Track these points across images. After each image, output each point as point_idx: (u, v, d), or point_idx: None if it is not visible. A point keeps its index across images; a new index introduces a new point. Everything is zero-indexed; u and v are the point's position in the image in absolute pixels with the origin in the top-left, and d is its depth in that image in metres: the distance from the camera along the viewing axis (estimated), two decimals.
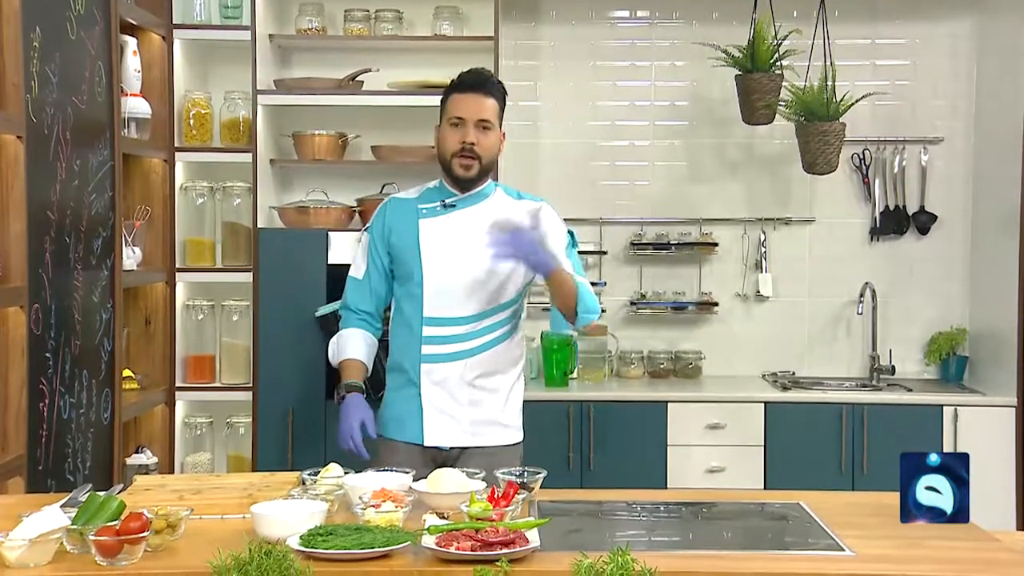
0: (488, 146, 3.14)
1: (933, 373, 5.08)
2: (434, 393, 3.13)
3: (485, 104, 3.13)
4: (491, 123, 3.14)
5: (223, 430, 4.74)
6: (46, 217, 3.31)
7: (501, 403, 3.19)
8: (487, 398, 3.16)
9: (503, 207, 3.18)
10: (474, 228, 3.13)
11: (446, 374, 3.13)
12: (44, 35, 3.26)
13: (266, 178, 4.61)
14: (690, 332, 5.14)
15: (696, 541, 2.51)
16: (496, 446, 3.16)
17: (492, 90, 3.17)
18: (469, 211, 3.18)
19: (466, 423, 3.14)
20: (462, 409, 3.14)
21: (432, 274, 3.13)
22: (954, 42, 5.08)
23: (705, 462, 4.58)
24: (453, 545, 2.10)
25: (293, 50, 4.91)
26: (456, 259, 3.12)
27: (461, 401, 3.14)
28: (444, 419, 3.13)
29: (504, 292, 3.14)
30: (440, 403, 3.13)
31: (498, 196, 3.23)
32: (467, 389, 3.14)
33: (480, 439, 3.15)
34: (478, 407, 3.15)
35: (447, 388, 3.13)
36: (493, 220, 3.05)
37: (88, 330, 3.64)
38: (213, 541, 2.14)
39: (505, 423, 3.21)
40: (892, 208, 5.09)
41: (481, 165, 3.14)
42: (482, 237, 3.03)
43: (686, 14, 5.12)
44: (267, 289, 4.41)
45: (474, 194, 3.19)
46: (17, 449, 3.10)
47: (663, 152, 5.16)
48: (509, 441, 3.20)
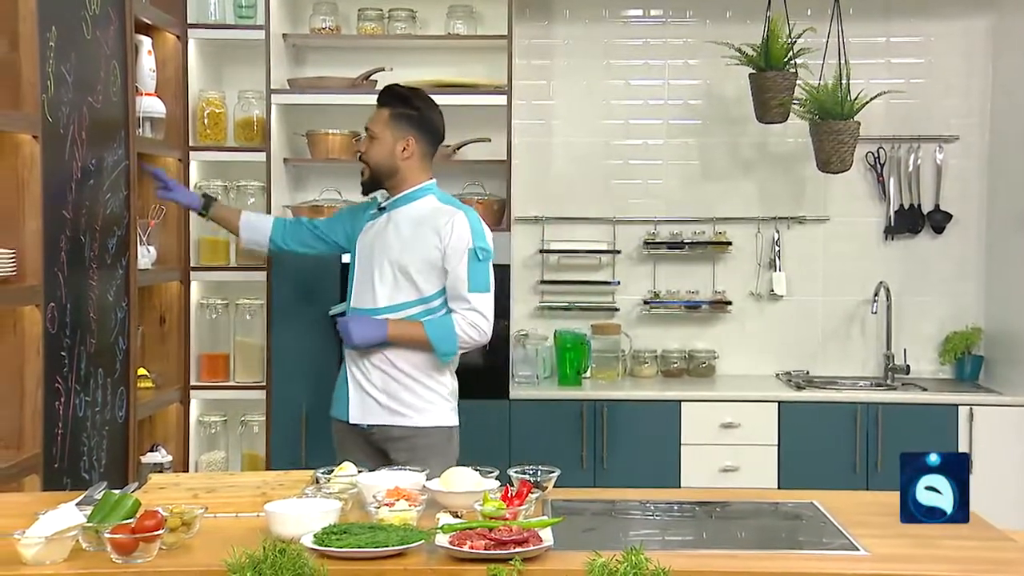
0: (372, 153, 3.46)
1: (948, 372, 5.06)
2: (356, 373, 3.45)
3: (375, 114, 3.49)
4: (373, 131, 3.46)
5: (237, 428, 4.76)
6: (62, 216, 3.32)
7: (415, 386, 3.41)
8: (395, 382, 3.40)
9: (424, 212, 3.43)
10: (394, 229, 3.42)
11: (363, 357, 3.41)
12: (60, 35, 3.27)
13: (280, 177, 4.62)
14: (704, 331, 5.13)
15: (710, 540, 2.50)
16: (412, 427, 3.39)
17: (383, 100, 3.51)
18: (395, 213, 3.46)
19: (380, 402, 3.41)
20: (377, 391, 3.41)
21: (359, 269, 3.47)
22: (969, 40, 5.06)
23: (719, 461, 4.58)
24: (467, 544, 2.10)
25: (307, 49, 4.92)
26: (374, 257, 3.42)
27: (376, 383, 3.41)
28: (362, 396, 3.43)
29: (414, 290, 3.38)
30: (360, 382, 3.44)
31: (426, 201, 3.46)
32: (378, 372, 3.40)
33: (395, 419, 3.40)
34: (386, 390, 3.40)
35: (364, 370, 3.42)
36: None
37: (103, 329, 3.66)
38: (227, 539, 2.15)
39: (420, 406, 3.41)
40: (907, 207, 5.07)
41: (370, 170, 3.48)
42: (397, 238, 3.39)
43: (700, 12, 5.11)
44: (281, 288, 4.42)
45: (402, 196, 3.46)
46: (33, 447, 3.11)
47: (677, 151, 5.15)
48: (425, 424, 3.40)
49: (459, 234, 3.34)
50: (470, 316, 3.34)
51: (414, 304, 3.38)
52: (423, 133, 3.47)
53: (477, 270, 3.35)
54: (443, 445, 3.40)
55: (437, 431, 3.42)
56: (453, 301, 3.36)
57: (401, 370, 3.40)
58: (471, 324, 3.34)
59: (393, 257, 3.38)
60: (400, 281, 3.38)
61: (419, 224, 3.39)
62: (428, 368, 3.41)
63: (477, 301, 3.35)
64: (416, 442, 3.37)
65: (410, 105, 3.46)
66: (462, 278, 3.33)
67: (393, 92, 3.52)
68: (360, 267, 3.47)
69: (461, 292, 3.34)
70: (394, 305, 3.39)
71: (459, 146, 4.70)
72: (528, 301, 5.11)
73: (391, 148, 3.43)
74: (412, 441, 3.37)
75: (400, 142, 3.43)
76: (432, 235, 3.36)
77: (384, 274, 3.40)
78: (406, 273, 3.37)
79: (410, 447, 3.35)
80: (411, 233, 3.39)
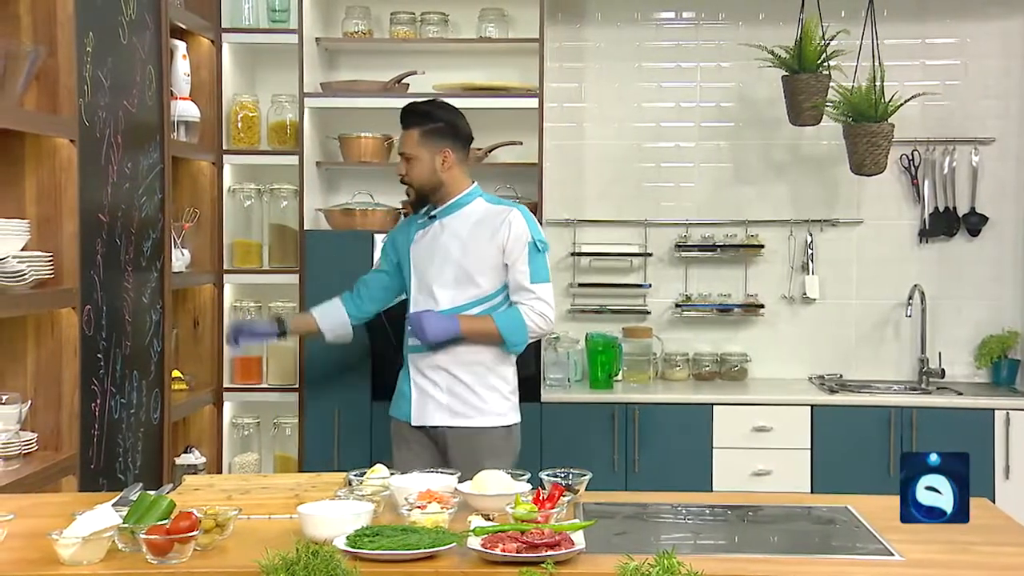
0: (415, 174, 3.53)
1: (984, 377, 5.01)
2: (419, 378, 3.53)
3: (404, 137, 3.57)
4: (409, 154, 3.53)
5: (270, 431, 4.78)
6: (98, 220, 3.36)
7: (479, 388, 3.50)
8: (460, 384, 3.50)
9: (476, 215, 3.53)
10: (449, 234, 3.52)
11: (425, 361, 3.50)
12: (97, 40, 3.31)
13: (313, 180, 4.65)
14: (736, 334, 5.11)
15: (742, 544, 2.50)
16: (474, 427, 3.49)
17: (409, 121, 3.56)
18: (447, 220, 3.55)
19: (443, 405, 3.49)
20: (441, 393, 3.50)
21: (417, 276, 3.55)
22: (1005, 41, 5.01)
23: (751, 465, 4.55)
24: (498, 547, 2.10)
25: (340, 53, 4.95)
26: (433, 262, 3.52)
27: (440, 385, 3.50)
28: (426, 399, 3.51)
29: (478, 289, 3.48)
30: (423, 386, 3.52)
31: (476, 204, 3.56)
32: (444, 375, 3.50)
33: (458, 420, 3.49)
34: (452, 392, 3.49)
35: (427, 374, 3.51)
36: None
37: (138, 331, 3.69)
38: (261, 541, 2.16)
39: (482, 407, 3.51)
40: (942, 210, 5.03)
41: (416, 190, 3.55)
42: (454, 242, 3.49)
43: (732, 15, 5.09)
44: (314, 290, 4.44)
45: (452, 204, 3.55)
46: (70, 448, 3.14)
47: (709, 153, 5.13)
48: (486, 424, 3.50)
49: (517, 230, 3.47)
50: (537, 306, 3.47)
51: (477, 303, 3.49)
52: (455, 141, 3.54)
53: (537, 262, 3.50)
54: (501, 444, 3.51)
55: (495, 431, 3.52)
56: (516, 293, 3.49)
57: (466, 369, 3.50)
58: (538, 314, 3.48)
59: (454, 260, 3.49)
60: (461, 282, 3.48)
61: (476, 226, 3.51)
62: (491, 365, 3.52)
63: (541, 291, 3.49)
64: (475, 442, 3.47)
65: (435, 119, 3.54)
66: (524, 271, 3.47)
67: (416, 111, 3.58)
68: (417, 274, 3.56)
69: (524, 284, 3.47)
70: (457, 306, 3.48)
71: (491, 149, 4.71)
72: (559, 304, 5.06)
73: (431, 165, 3.52)
74: (471, 441, 3.48)
75: (437, 156, 3.52)
76: (491, 234, 3.48)
77: (445, 277, 3.49)
78: (468, 274, 3.48)
79: (469, 447, 3.46)
80: (469, 235, 3.50)
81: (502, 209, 3.53)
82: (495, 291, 3.51)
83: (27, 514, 2.38)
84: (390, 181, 4.81)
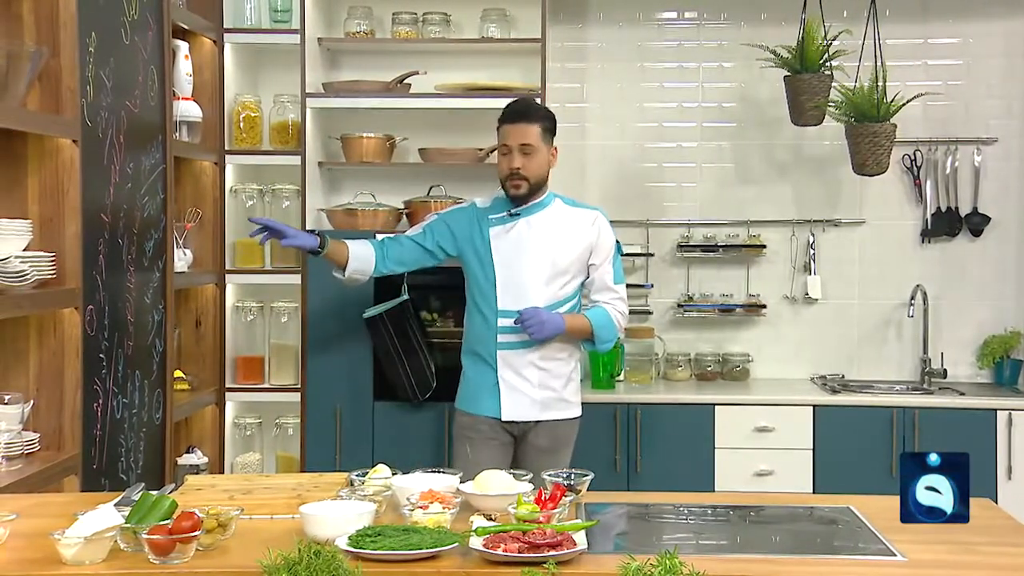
0: (533, 167, 3.60)
1: (986, 377, 5.00)
2: (508, 374, 3.60)
3: (527, 131, 3.60)
4: (532, 147, 3.58)
5: (272, 430, 4.79)
6: (100, 220, 3.36)
7: (563, 382, 3.65)
8: (552, 378, 3.63)
9: (561, 215, 3.66)
10: (538, 232, 3.62)
11: (518, 358, 3.59)
12: (99, 40, 3.31)
13: (315, 180, 4.65)
14: (738, 334, 5.11)
15: (744, 545, 2.50)
16: (560, 419, 3.65)
17: (533, 117, 3.63)
18: (532, 219, 3.65)
19: (536, 400, 3.61)
20: (533, 388, 3.60)
21: (504, 273, 3.60)
22: (1008, 41, 5.01)
23: (753, 465, 4.55)
24: (500, 547, 2.10)
25: (342, 53, 4.95)
26: (524, 260, 3.60)
27: (532, 381, 3.60)
28: (518, 396, 3.60)
29: (565, 287, 3.62)
30: (514, 382, 3.60)
31: (556, 206, 3.69)
32: (535, 371, 3.60)
33: (547, 413, 3.63)
34: (545, 386, 3.61)
35: (519, 370, 3.60)
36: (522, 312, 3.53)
37: (140, 331, 3.70)
38: (263, 541, 2.16)
39: (568, 399, 3.67)
40: (944, 210, 5.03)
41: (529, 184, 3.60)
42: (545, 240, 3.60)
43: (734, 15, 5.09)
44: (316, 291, 4.44)
45: (534, 204, 3.65)
46: (72, 448, 3.15)
47: (711, 153, 5.13)
48: (571, 415, 3.69)
49: (606, 232, 3.69)
50: (620, 306, 3.68)
51: (565, 301, 3.63)
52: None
53: (618, 264, 3.72)
54: (573, 434, 3.72)
55: (574, 422, 3.72)
56: (600, 293, 3.67)
57: (554, 364, 3.63)
58: (621, 313, 3.68)
59: (549, 259, 3.60)
60: (557, 280, 3.61)
61: (566, 225, 3.65)
62: (573, 362, 3.70)
63: (622, 291, 3.71)
64: (558, 432, 3.65)
65: (552, 119, 3.70)
66: (609, 272, 3.67)
67: (539, 109, 3.71)
68: (502, 271, 3.61)
69: (609, 284, 3.67)
70: (554, 303, 3.60)
71: (492, 149, 4.70)
72: None
73: (547, 160, 3.65)
74: (554, 430, 3.64)
75: (552, 151, 3.69)
76: (582, 235, 3.64)
77: (540, 275, 3.60)
78: (563, 272, 3.62)
79: (551, 436, 3.64)
80: (561, 236, 3.63)
81: (588, 211, 3.70)
82: (576, 290, 3.68)
83: (29, 514, 2.38)
84: (392, 181, 4.84)
